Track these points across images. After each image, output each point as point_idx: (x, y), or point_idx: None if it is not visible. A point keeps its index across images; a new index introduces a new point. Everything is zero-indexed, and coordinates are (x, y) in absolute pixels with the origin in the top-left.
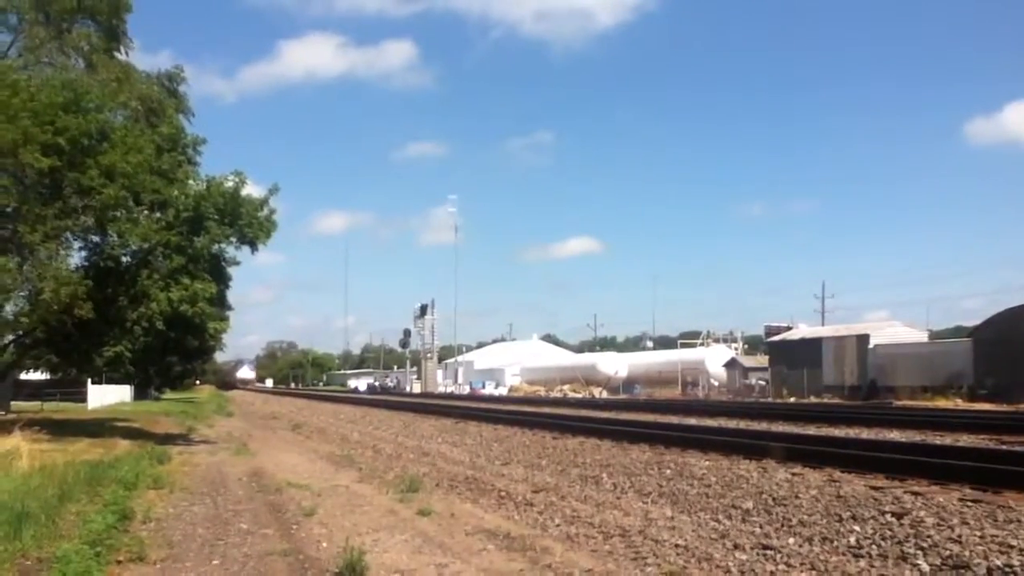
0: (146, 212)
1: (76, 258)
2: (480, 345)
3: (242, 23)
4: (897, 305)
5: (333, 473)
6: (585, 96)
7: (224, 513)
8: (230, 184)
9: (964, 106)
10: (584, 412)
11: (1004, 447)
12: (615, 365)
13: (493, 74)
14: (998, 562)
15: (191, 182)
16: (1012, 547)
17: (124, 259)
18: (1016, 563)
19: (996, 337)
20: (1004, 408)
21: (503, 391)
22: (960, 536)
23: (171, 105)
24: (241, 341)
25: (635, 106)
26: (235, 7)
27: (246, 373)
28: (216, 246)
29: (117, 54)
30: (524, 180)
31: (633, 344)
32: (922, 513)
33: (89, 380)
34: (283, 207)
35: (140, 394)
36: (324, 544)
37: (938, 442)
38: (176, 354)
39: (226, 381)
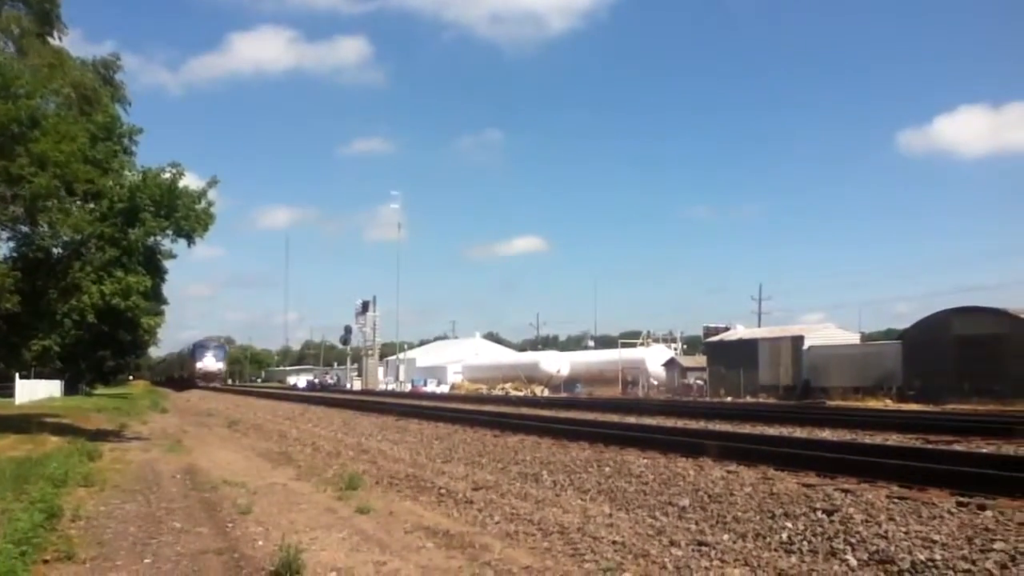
0: (79, 202)
1: (4, 249)
2: (423, 343)
3: (190, 15)
4: (832, 308)
5: (270, 471)
6: (536, 98)
7: (157, 511)
8: (167, 176)
9: (896, 118)
10: (525, 410)
11: (929, 446)
12: (557, 364)
13: (445, 74)
14: (921, 556)
15: (127, 173)
16: (935, 542)
17: (55, 250)
18: (938, 557)
19: (923, 340)
20: (930, 409)
21: (445, 389)
22: (887, 532)
23: (106, 93)
24: (178, 336)
25: (584, 109)
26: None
27: (210, 363)
28: (151, 239)
29: (50, 39)
30: (473, 179)
31: (575, 343)
32: (851, 510)
33: (17, 374)
34: (226, 202)
35: (71, 389)
36: (260, 542)
37: (868, 441)
38: (108, 349)
39: (177, 377)
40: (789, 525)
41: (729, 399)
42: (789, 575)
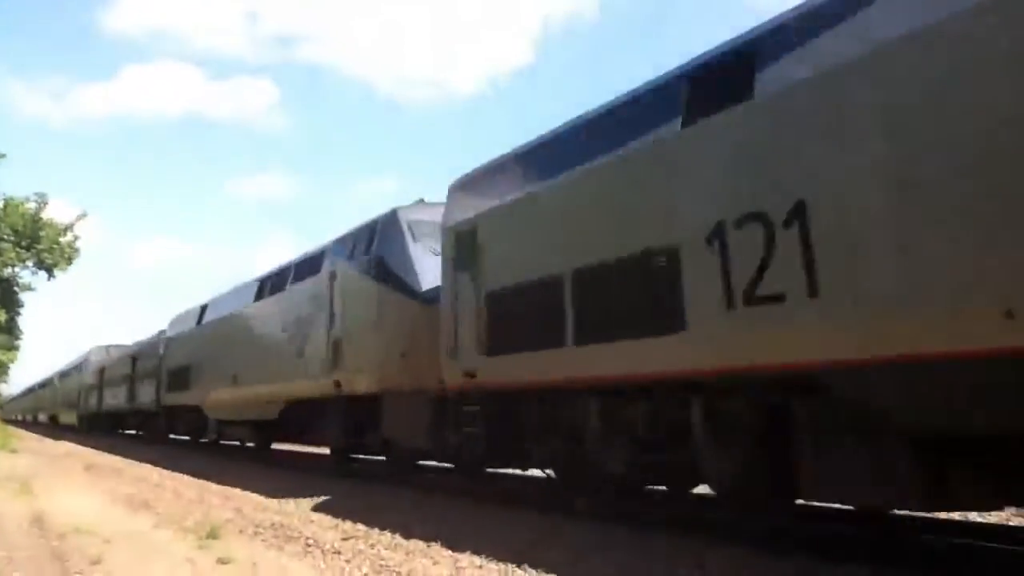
0: None
1: None
2: None
3: (85, 45)
4: None
5: (127, 518)
6: (434, 151)
7: None
8: (31, 206)
9: None
10: None
11: None
12: None
13: (347, 123)
14: None
15: None
16: None
17: None
18: None
19: None
20: None
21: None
22: None
23: None
24: (40, 372)
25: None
26: (79, 29)
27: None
28: (9, 270)
29: None
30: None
31: None
32: None
33: None
34: (104, 235)
35: None
36: None
37: None
38: None
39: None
40: None
41: None
42: None
